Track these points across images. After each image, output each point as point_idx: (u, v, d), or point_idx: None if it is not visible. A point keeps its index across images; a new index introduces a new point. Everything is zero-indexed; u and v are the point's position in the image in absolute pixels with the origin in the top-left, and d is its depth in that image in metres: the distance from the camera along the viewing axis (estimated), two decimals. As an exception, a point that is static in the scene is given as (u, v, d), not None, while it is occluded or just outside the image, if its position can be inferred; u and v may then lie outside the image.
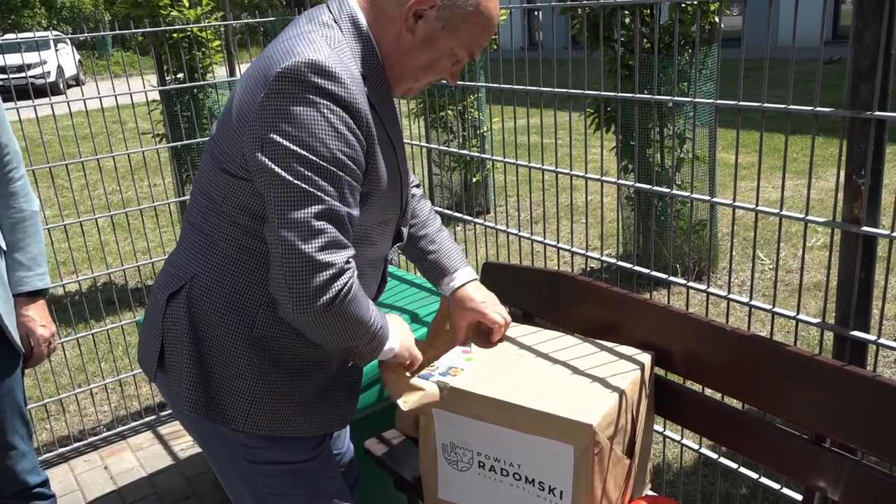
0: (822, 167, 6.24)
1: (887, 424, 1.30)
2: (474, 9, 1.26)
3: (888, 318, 3.65)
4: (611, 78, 3.82)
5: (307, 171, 1.15)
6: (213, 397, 1.33)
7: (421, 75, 1.32)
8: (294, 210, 1.15)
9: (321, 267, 1.16)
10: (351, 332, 1.25)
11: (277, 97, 1.16)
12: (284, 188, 1.16)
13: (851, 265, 1.56)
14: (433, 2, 1.24)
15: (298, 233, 1.15)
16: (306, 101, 1.15)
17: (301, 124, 1.15)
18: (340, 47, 1.22)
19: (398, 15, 1.25)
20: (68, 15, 25.90)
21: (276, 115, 1.16)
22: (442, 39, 1.27)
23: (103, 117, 2.91)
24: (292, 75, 1.15)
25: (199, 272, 1.32)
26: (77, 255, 5.38)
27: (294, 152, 1.15)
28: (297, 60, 1.16)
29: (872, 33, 1.42)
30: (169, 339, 1.35)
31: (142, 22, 3.98)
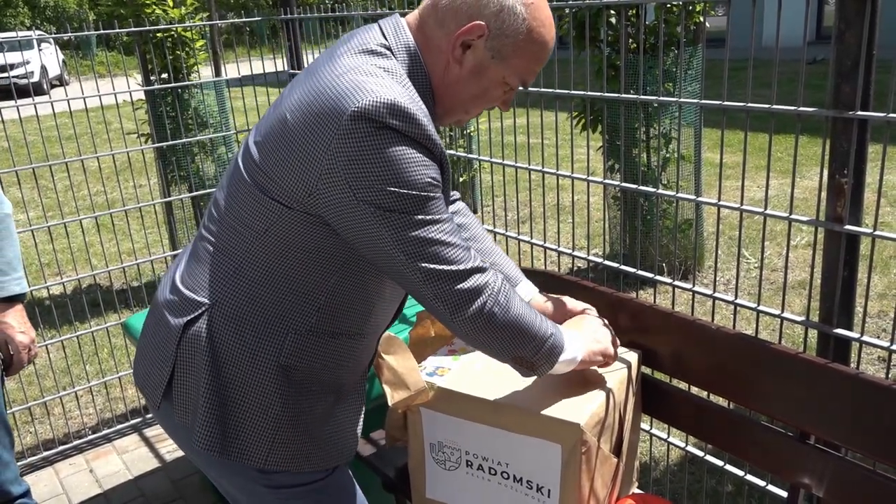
0: (807, 166, 6.29)
1: (870, 421, 1.32)
2: (526, 36, 1.19)
3: (871, 316, 3.69)
4: (597, 78, 3.84)
5: (410, 205, 1.12)
6: (232, 434, 1.26)
7: (471, 106, 1.27)
8: (421, 245, 1.14)
9: (464, 274, 1.15)
10: (517, 336, 1.22)
11: (356, 138, 1.10)
12: (399, 229, 1.13)
13: (835, 263, 1.58)
14: (481, 30, 1.17)
15: (431, 260, 1.14)
16: (389, 141, 1.10)
17: (389, 163, 1.10)
18: (403, 82, 1.18)
19: (446, 45, 1.20)
20: (52, 14, 25.67)
21: (359, 157, 1.10)
22: (491, 69, 1.21)
23: (87, 118, 2.89)
24: (369, 116, 1.09)
25: (224, 299, 1.24)
26: (61, 257, 5.34)
27: (394, 192, 1.11)
28: (374, 100, 1.10)
29: (854, 34, 1.44)
30: (182, 368, 1.27)
31: (126, 21, 3.95)
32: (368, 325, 1.33)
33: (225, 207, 1.26)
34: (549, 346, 1.26)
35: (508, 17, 1.17)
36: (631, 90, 3.65)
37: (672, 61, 3.80)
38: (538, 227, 4.98)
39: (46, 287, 2.88)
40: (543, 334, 1.25)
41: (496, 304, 1.18)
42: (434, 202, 1.15)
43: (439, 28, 1.20)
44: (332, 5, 3.18)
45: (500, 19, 1.17)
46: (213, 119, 4.00)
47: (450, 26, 1.19)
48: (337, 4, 3.18)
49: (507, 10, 1.17)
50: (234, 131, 3.71)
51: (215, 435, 1.25)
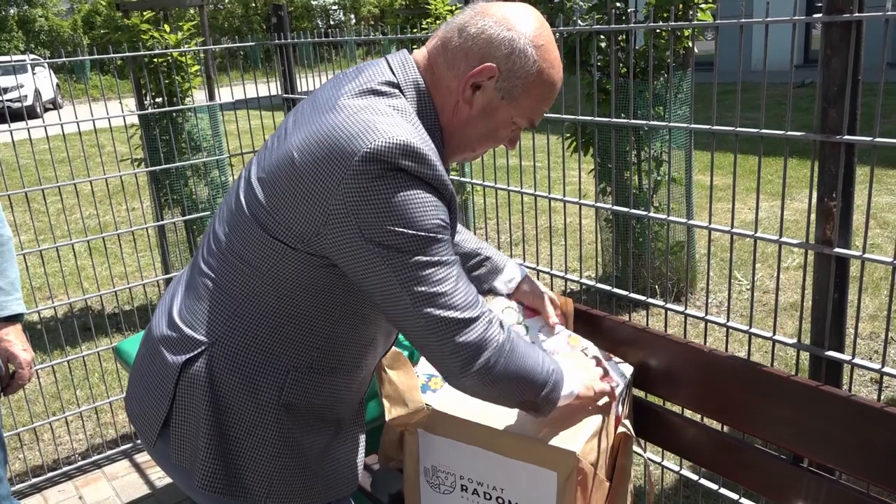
0: (796, 188, 6.34)
1: (863, 444, 1.32)
2: (536, 77, 1.20)
3: (863, 337, 3.70)
4: (588, 102, 3.87)
5: (418, 246, 1.12)
6: (234, 473, 1.25)
7: (478, 145, 1.27)
8: (427, 288, 1.12)
9: (468, 323, 1.14)
10: (522, 383, 1.21)
11: (367, 179, 1.09)
12: (407, 272, 1.12)
13: (825, 286, 1.59)
14: (492, 72, 1.18)
15: (437, 305, 1.13)
16: (400, 183, 1.10)
17: (398, 205, 1.10)
18: (412, 120, 1.17)
19: (455, 86, 1.20)
20: (46, 38, 25.79)
21: (370, 199, 1.10)
22: (501, 109, 1.22)
23: (81, 141, 2.89)
24: (380, 158, 1.09)
25: (224, 338, 1.23)
26: (53, 281, 5.31)
27: (403, 233, 1.10)
28: (386, 141, 1.09)
29: (840, 59, 1.46)
30: (181, 407, 1.26)
31: (121, 46, 3.97)
32: (366, 358, 1.33)
33: (226, 244, 1.24)
34: (552, 386, 1.26)
35: (519, 59, 1.18)
36: (621, 114, 3.69)
37: (662, 85, 3.84)
38: (531, 250, 4.99)
39: (38, 311, 2.86)
40: (546, 376, 1.25)
41: (501, 356, 1.17)
42: (442, 245, 1.14)
43: (449, 69, 1.20)
44: (325, 30, 3.21)
45: (510, 61, 1.18)
46: (207, 143, 4.01)
47: (460, 67, 1.19)
48: (330, 29, 3.20)
49: (519, 52, 1.17)
50: (227, 155, 3.72)
51: (218, 474, 1.24)
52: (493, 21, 1.18)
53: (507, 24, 1.18)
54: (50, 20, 26.32)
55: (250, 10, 27.70)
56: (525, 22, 1.19)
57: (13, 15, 25.31)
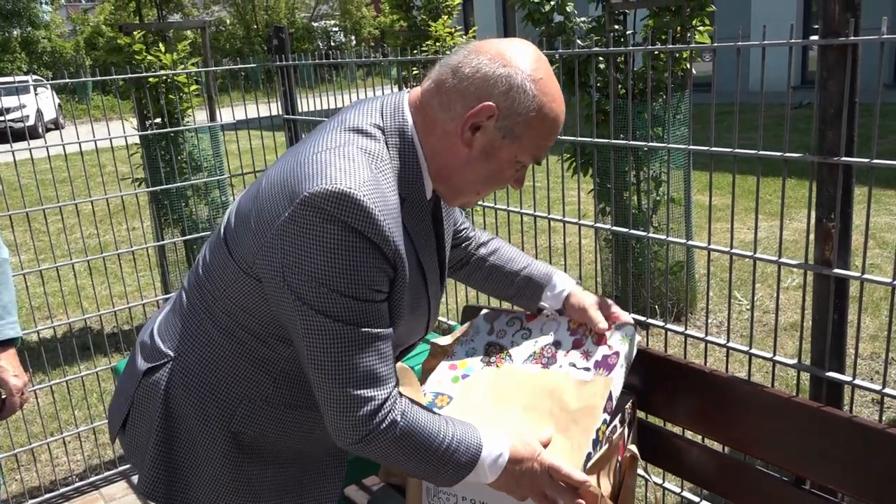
0: (795, 208, 6.35)
1: (865, 465, 1.31)
2: (537, 113, 1.14)
3: (864, 358, 3.69)
4: (587, 122, 3.90)
5: (333, 306, 1.08)
6: (177, 486, 1.27)
7: (482, 188, 1.22)
8: (323, 349, 1.09)
9: (363, 401, 1.10)
10: (411, 462, 1.16)
11: (301, 225, 1.07)
12: (311, 326, 1.09)
13: (825, 306, 1.59)
14: (491, 111, 1.13)
15: (331, 372, 1.10)
16: (331, 237, 1.06)
17: (324, 260, 1.06)
18: (382, 167, 1.13)
19: (453, 128, 1.15)
20: (49, 59, 25.97)
21: (299, 245, 1.07)
22: (503, 149, 1.16)
23: (82, 161, 2.91)
24: (319, 205, 1.05)
25: (185, 355, 1.26)
26: (52, 301, 5.30)
27: (319, 288, 1.07)
28: (327, 189, 1.05)
29: (837, 82, 1.48)
30: (137, 411, 1.30)
31: (121, 67, 4.00)
32: None
33: (203, 265, 1.27)
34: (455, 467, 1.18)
35: (518, 95, 1.13)
36: (620, 135, 3.71)
37: (660, 106, 3.86)
38: (531, 270, 4.99)
39: (37, 331, 2.86)
40: (444, 456, 1.16)
41: (390, 437, 1.12)
42: (365, 314, 1.10)
43: (445, 110, 1.15)
44: (326, 51, 3.24)
45: (509, 98, 1.13)
46: (208, 163, 4.03)
47: (457, 108, 1.14)
48: (331, 51, 3.23)
49: (517, 88, 1.12)
50: (227, 175, 3.73)
51: (160, 483, 1.27)
52: (487, 59, 1.14)
53: (503, 60, 1.13)
54: (53, 41, 26.52)
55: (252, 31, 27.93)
56: (521, 57, 1.14)
57: (16, 36, 25.51)
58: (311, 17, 29.75)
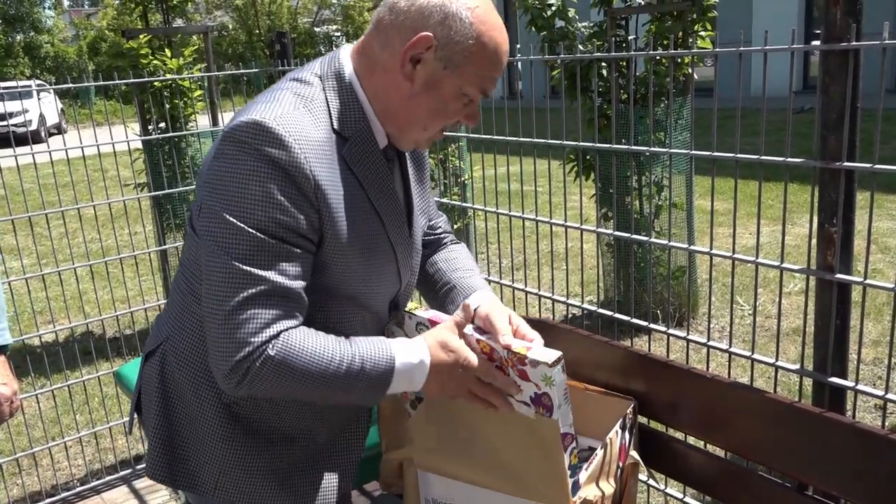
0: (797, 213, 6.35)
1: (868, 471, 1.31)
2: (476, 41, 1.13)
3: (866, 363, 3.68)
4: (589, 127, 3.90)
5: (239, 244, 1.09)
6: (180, 463, 1.28)
7: (430, 122, 1.20)
8: (222, 284, 1.09)
9: (238, 346, 1.09)
10: (307, 388, 1.13)
11: (220, 159, 1.11)
12: (212, 258, 1.10)
13: (827, 312, 1.59)
14: (429, 42, 1.12)
15: (225, 310, 1.09)
16: (245, 167, 1.08)
17: (238, 192, 1.08)
18: (313, 106, 1.15)
19: (393, 63, 1.15)
20: (52, 64, 26.04)
21: (215, 178, 1.11)
22: (446, 80, 1.16)
23: (85, 165, 2.91)
24: (234, 136, 1.10)
25: (174, 333, 1.29)
26: (54, 305, 5.31)
27: (228, 223, 1.09)
28: (242, 121, 1.10)
29: (839, 87, 1.48)
30: (143, 397, 1.34)
31: (125, 72, 4.01)
32: None
33: (183, 247, 1.32)
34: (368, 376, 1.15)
35: (454, 23, 1.13)
36: (622, 140, 3.71)
37: (662, 111, 3.87)
38: (532, 275, 4.99)
39: (39, 335, 2.86)
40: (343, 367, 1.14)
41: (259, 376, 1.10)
42: (266, 252, 1.09)
43: (384, 49, 1.16)
44: (328, 57, 3.24)
45: (446, 27, 1.13)
46: (210, 167, 4.03)
47: (395, 44, 1.15)
48: (333, 56, 3.23)
49: (452, 16, 1.12)
50: (230, 179, 3.74)
51: (163, 463, 1.28)
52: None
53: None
54: (56, 46, 26.60)
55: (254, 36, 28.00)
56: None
57: (20, 41, 25.59)
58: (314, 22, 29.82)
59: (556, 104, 4.60)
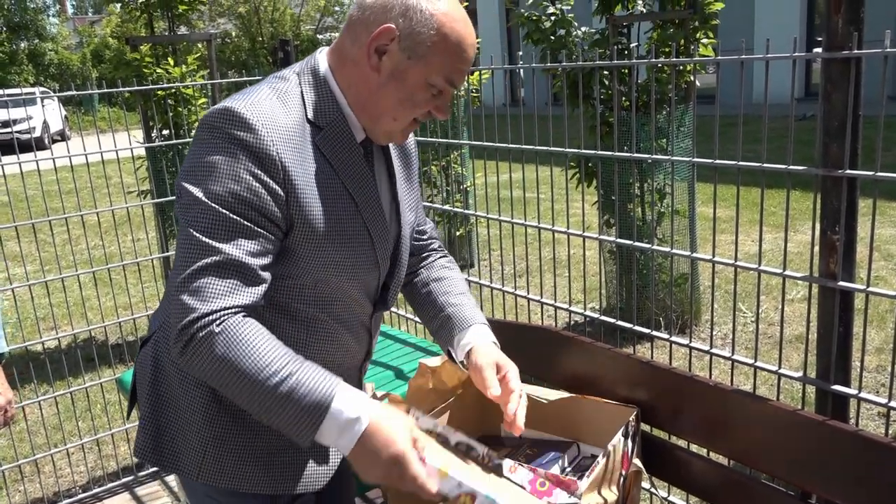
0: (800, 220, 6.35)
1: (871, 479, 1.31)
2: (437, 32, 1.19)
3: (869, 371, 3.67)
4: (591, 134, 3.91)
5: (202, 217, 1.14)
6: (166, 446, 1.33)
7: (399, 113, 1.25)
8: (184, 255, 1.14)
9: (185, 311, 1.12)
10: (237, 387, 1.11)
11: (195, 144, 1.18)
12: (182, 234, 1.16)
13: (830, 319, 1.59)
14: (391, 34, 1.18)
15: (181, 278, 1.14)
16: (215, 148, 1.15)
17: (205, 170, 1.15)
18: (287, 98, 1.21)
19: (361, 56, 1.21)
20: (56, 71, 26.13)
21: (189, 161, 1.18)
22: (410, 71, 1.20)
23: (88, 172, 2.93)
24: (207, 122, 1.17)
25: (166, 321, 1.33)
26: (57, 311, 5.31)
27: (194, 198, 1.15)
28: (215, 108, 1.17)
29: (841, 95, 1.48)
30: (137, 382, 1.40)
31: (128, 80, 4.03)
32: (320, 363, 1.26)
33: None
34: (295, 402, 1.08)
35: (415, 14, 1.18)
36: (624, 147, 3.71)
37: (664, 119, 3.87)
38: (535, 282, 4.99)
39: (42, 342, 2.87)
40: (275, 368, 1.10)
41: (202, 346, 1.11)
42: (229, 226, 1.14)
43: (353, 43, 1.22)
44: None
45: (407, 18, 1.18)
46: (213, 174, 4.04)
47: (362, 38, 1.21)
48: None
49: (413, 8, 1.18)
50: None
51: (149, 445, 1.33)
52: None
53: None
54: (60, 54, 26.71)
55: (257, 44, 28.09)
56: None
57: (24, 49, 25.70)
58: (317, 29, 29.92)
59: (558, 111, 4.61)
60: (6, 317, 5.23)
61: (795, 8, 13.70)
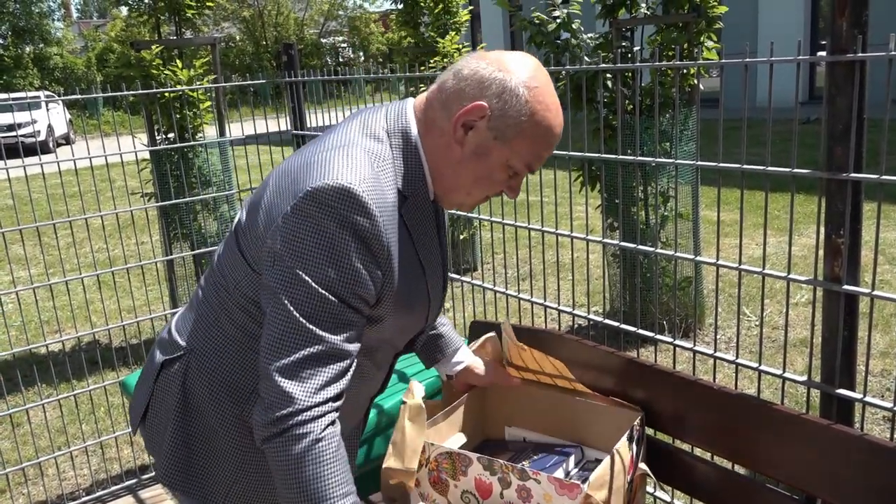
0: (804, 224, 6.33)
1: (876, 484, 1.30)
2: (529, 118, 1.18)
3: (874, 375, 3.66)
4: (594, 138, 3.90)
5: (307, 301, 1.11)
6: (193, 473, 1.31)
7: (474, 189, 1.25)
8: (283, 337, 1.11)
9: (287, 400, 1.10)
10: (296, 489, 1.11)
11: (301, 217, 1.12)
12: (282, 312, 1.12)
13: (835, 323, 1.58)
14: (483, 112, 1.17)
15: (282, 363, 1.11)
16: (327, 230, 1.11)
17: (314, 251, 1.11)
18: (384, 166, 1.18)
19: (448, 126, 1.20)
20: (60, 75, 26.22)
21: (295, 236, 1.12)
22: (494, 151, 1.20)
23: (92, 176, 2.93)
24: (320, 198, 1.11)
25: (200, 347, 1.30)
26: (61, 314, 5.33)
27: (299, 279, 1.11)
28: (328, 184, 1.11)
29: (845, 98, 1.48)
30: (156, 402, 1.35)
31: (133, 83, 4.03)
32: None
33: (217, 261, 1.33)
34: None
35: (510, 98, 1.17)
36: (628, 150, 3.71)
37: (668, 122, 3.87)
38: (538, 285, 4.99)
39: (46, 345, 2.87)
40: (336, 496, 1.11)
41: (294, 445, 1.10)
42: (332, 315, 1.12)
43: (443, 110, 1.21)
44: (334, 67, 3.26)
45: (501, 100, 1.17)
46: (217, 178, 4.05)
47: (453, 108, 1.19)
48: (339, 67, 3.25)
49: (510, 91, 1.17)
50: (236, 190, 3.75)
51: (178, 471, 1.32)
52: (486, 63, 1.19)
53: (500, 65, 1.19)
54: (64, 58, 26.80)
55: (261, 48, 28.16)
56: (519, 64, 1.19)
57: (29, 53, 25.80)
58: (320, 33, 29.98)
59: (561, 115, 4.61)
60: (10, 320, 5.25)
61: (799, 11, 13.69)
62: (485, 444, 1.74)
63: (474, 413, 1.73)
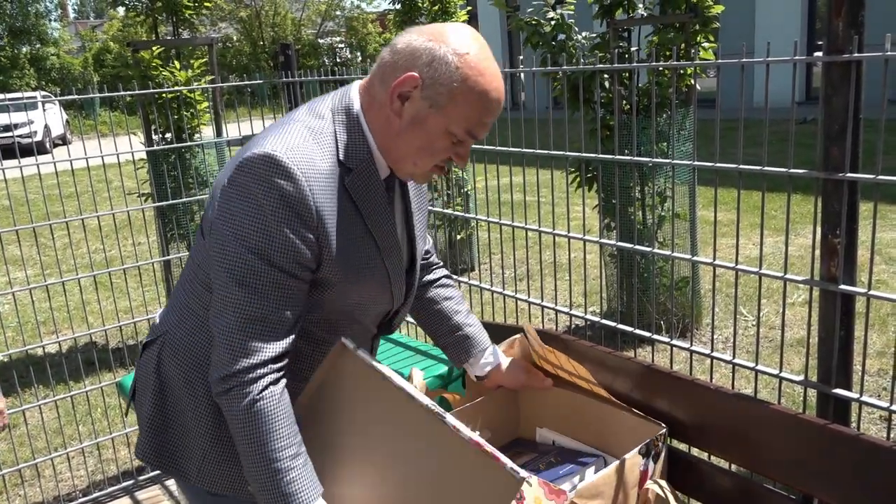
0: (801, 224, 6.34)
1: (873, 484, 1.30)
2: (461, 84, 1.20)
3: (871, 374, 3.67)
4: (591, 138, 3.91)
5: (241, 267, 1.17)
6: (167, 449, 1.37)
7: (418, 159, 1.27)
8: (224, 301, 1.18)
9: (231, 360, 1.18)
10: (246, 448, 1.19)
11: (232, 186, 1.19)
12: (221, 277, 1.19)
13: (831, 323, 1.58)
14: (415, 82, 1.20)
15: (226, 325, 1.19)
16: (254, 196, 1.16)
17: (244, 218, 1.17)
18: (323, 138, 1.23)
19: (385, 99, 1.23)
20: (57, 76, 26.17)
21: (228, 204, 1.19)
22: (430, 119, 1.22)
23: (89, 176, 2.93)
24: (248, 166, 1.17)
25: (172, 329, 1.37)
26: (58, 315, 5.31)
27: (232, 245, 1.17)
28: (256, 152, 1.17)
29: (841, 98, 1.48)
30: (138, 382, 1.42)
31: (131, 82, 4.03)
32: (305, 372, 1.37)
33: (192, 248, 1.39)
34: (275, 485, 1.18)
35: (440, 65, 1.20)
36: (625, 150, 3.71)
37: (665, 122, 3.87)
38: (535, 285, 4.99)
39: (42, 346, 2.87)
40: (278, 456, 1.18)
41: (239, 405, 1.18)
42: (270, 281, 1.18)
43: (381, 84, 1.24)
44: (331, 68, 3.25)
45: (432, 68, 1.20)
46: (213, 178, 4.04)
47: (388, 81, 1.23)
48: (337, 67, 3.25)
49: (439, 59, 1.20)
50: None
51: (151, 446, 1.37)
52: (417, 34, 1.23)
53: (432, 36, 1.22)
54: (61, 58, 26.75)
55: (258, 48, 28.13)
56: (452, 34, 1.22)
57: (25, 53, 25.74)
58: (318, 33, 29.96)
59: (558, 115, 4.61)
60: (7, 321, 5.23)
61: (796, 11, 13.71)
62: (515, 444, 1.74)
63: (507, 412, 1.73)
